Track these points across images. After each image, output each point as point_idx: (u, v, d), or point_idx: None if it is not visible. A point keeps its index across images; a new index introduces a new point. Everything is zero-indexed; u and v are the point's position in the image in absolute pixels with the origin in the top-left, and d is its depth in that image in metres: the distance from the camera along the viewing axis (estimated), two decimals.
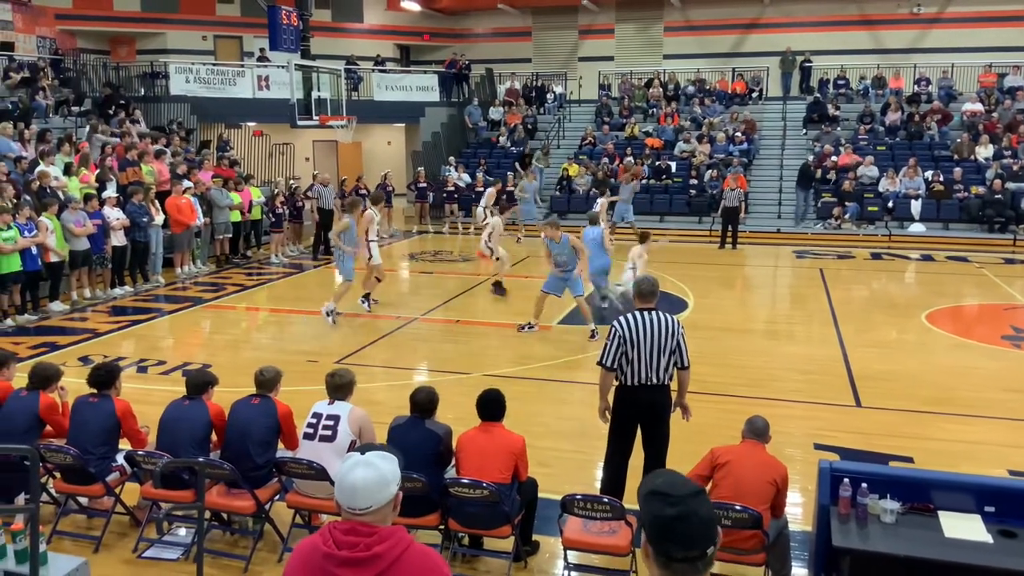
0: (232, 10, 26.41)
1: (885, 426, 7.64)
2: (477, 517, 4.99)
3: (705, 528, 1.91)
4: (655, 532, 1.92)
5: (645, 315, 5.48)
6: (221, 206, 15.61)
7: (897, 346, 10.63)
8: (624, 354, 5.44)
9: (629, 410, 5.62)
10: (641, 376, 5.47)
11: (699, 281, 14.33)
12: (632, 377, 5.49)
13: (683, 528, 1.89)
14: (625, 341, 5.42)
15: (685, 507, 1.90)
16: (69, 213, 12.34)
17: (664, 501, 1.91)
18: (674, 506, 1.90)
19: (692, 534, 1.90)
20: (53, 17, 23.71)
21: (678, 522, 1.89)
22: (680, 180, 21.13)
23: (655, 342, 5.42)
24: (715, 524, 1.94)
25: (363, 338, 10.81)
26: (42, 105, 17.62)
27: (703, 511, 1.92)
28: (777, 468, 4.76)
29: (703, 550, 1.90)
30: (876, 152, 21.01)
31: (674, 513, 1.89)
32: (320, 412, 5.33)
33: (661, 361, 5.45)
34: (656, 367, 5.46)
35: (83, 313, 12.28)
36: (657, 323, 5.44)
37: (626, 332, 5.43)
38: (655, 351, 5.43)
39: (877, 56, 24.88)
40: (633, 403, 5.58)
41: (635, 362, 5.44)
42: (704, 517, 1.92)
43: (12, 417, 5.64)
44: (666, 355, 5.46)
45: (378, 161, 27.21)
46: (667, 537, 1.90)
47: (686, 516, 1.89)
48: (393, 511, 2.36)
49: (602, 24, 28.03)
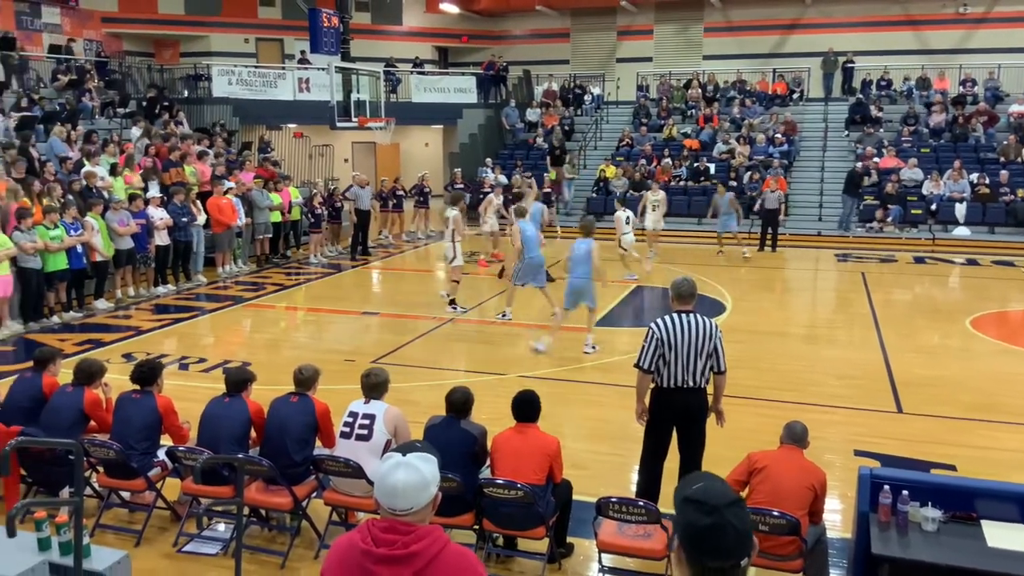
0: (274, 13, 26.75)
1: (927, 433, 7.51)
2: (511, 518, 4.99)
3: (740, 540, 1.86)
4: (689, 540, 1.87)
5: (683, 317, 5.41)
6: (261, 207, 15.81)
7: (940, 351, 10.44)
8: (661, 356, 5.37)
9: (664, 413, 5.57)
10: (677, 379, 5.41)
11: (737, 284, 14.19)
12: (668, 379, 5.43)
13: (717, 539, 1.85)
14: (663, 343, 5.35)
15: (720, 517, 1.85)
16: (113, 213, 12.59)
17: (700, 510, 1.87)
18: (709, 515, 1.85)
19: (726, 545, 1.85)
20: (100, 20, 24.23)
21: (712, 532, 1.84)
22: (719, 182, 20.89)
23: (692, 345, 5.35)
24: (751, 536, 1.89)
25: (399, 338, 10.88)
26: (88, 107, 17.99)
27: (739, 522, 1.87)
28: (816, 473, 4.70)
29: (737, 561, 1.86)
30: (920, 154, 20.65)
31: (709, 523, 1.85)
32: (356, 411, 5.37)
33: (698, 364, 5.38)
34: (692, 370, 5.39)
35: (127, 311, 12.51)
36: (695, 326, 5.37)
37: (664, 334, 5.36)
38: (692, 354, 5.36)
39: (921, 57, 24.47)
40: (669, 406, 5.53)
41: (672, 364, 5.38)
42: (740, 529, 1.86)
43: (58, 412, 5.77)
44: (703, 358, 5.38)
45: (416, 162, 27.38)
46: (700, 546, 1.86)
47: (721, 527, 1.84)
48: (431, 511, 2.39)
49: (641, 25, 27.90)
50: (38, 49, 21.53)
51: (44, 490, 5.91)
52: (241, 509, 4.65)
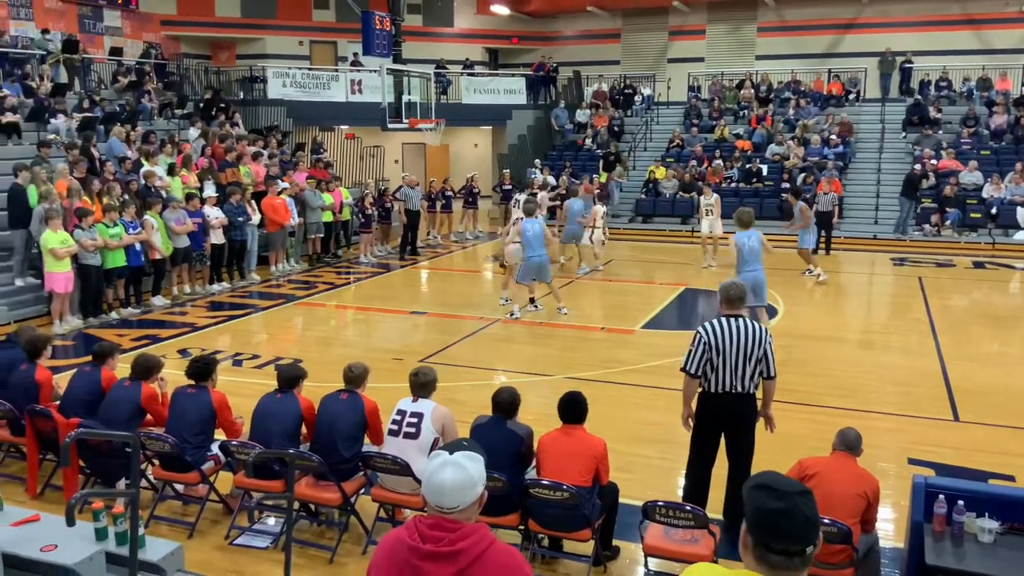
0: (328, 16, 27.11)
1: (984, 442, 7.31)
2: (557, 519, 4.99)
3: (808, 526, 1.92)
4: (757, 522, 1.94)
5: (732, 321, 5.32)
6: (314, 207, 16.04)
7: (999, 359, 10.16)
8: (709, 361, 5.29)
9: (712, 418, 5.48)
10: (725, 384, 5.32)
11: (790, 287, 13.98)
12: (716, 384, 5.34)
13: (786, 522, 1.91)
14: (710, 347, 5.26)
15: (791, 502, 1.92)
16: (171, 212, 12.88)
17: (771, 494, 1.94)
18: (780, 500, 1.92)
19: (795, 529, 1.91)
20: (159, 23, 24.82)
21: (782, 516, 1.91)
22: (772, 184, 20.66)
23: (741, 350, 5.25)
24: (818, 526, 1.95)
25: (447, 338, 10.94)
26: (147, 108, 18.42)
27: (808, 510, 1.93)
28: (868, 481, 4.61)
29: (803, 547, 1.91)
30: (980, 156, 20.11)
31: (780, 506, 1.91)
32: (404, 409, 5.42)
33: (747, 369, 5.28)
34: (741, 375, 5.29)
35: (183, 308, 12.79)
36: (744, 330, 5.28)
37: (712, 338, 5.27)
38: (740, 359, 5.26)
39: (982, 57, 23.83)
40: (716, 411, 5.44)
41: (720, 369, 5.29)
42: (809, 516, 1.93)
43: (115, 405, 5.92)
44: (752, 363, 5.28)
45: (465, 163, 27.51)
46: (769, 528, 1.92)
47: (791, 511, 1.91)
48: (477, 509, 2.41)
49: (693, 25, 27.65)
50: (100, 51, 22.13)
51: (101, 481, 6.06)
52: (291, 504, 4.71)
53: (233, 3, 26.05)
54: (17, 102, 15.50)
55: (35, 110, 15.59)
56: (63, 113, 15.86)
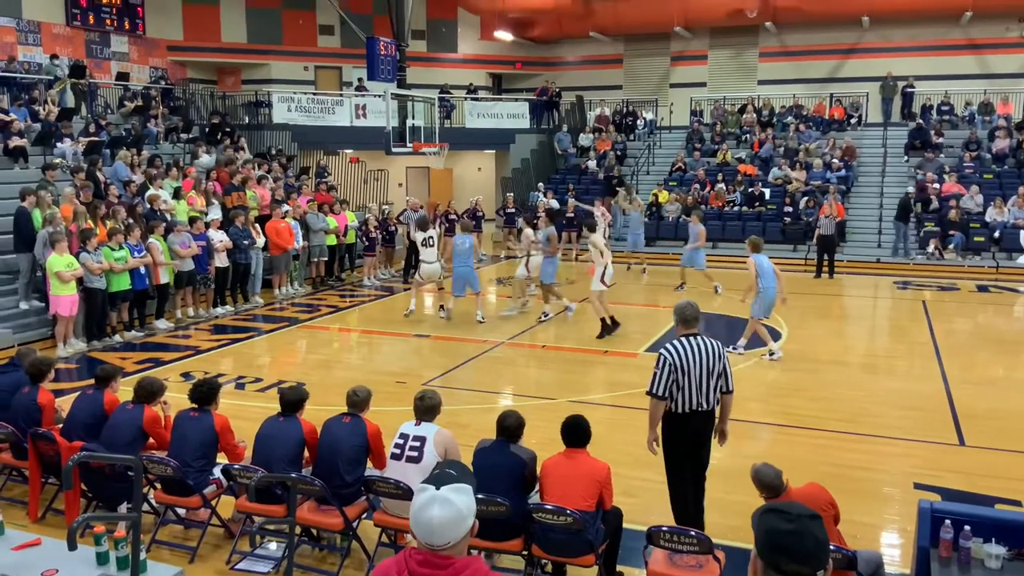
0: (333, 42, 27.34)
1: (991, 467, 7.27)
2: (561, 544, 4.95)
3: (818, 549, 1.96)
4: (768, 545, 1.97)
5: (692, 340, 5.45)
6: (316, 229, 16.08)
7: (1005, 383, 10.11)
8: (675, 382, 5.39)
9: (680, 437, 5.55)
10: (692, 402, 5.43)
11: (794, 311, 13.95)
12: (683, 404, 5.44)
13: (797, 543, 1.95)
14: (676, 368, 5.36)
15: (802, 524, 1.96)
16: (175, 235, 12.92)
17: (781, 517, 1.98)
18: (791, 522, 1.97)
19: (805, 551, 1.95)
20: (165, 49, 25.04)
21: (793, 537, 1.95)
22: (774, 207, 20.71)
23: (704, 367, 5.39)
24: (828, 550, 1.98)
25: (450, 361, 10.93)
26: (153, 132, 18.56)
27: (818, 533, 1.98)
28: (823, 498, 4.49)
29: (813, 570, 1.94)
30: (982, 180, 20.16)
31: (790, 528, 1.96)
32: (407, 433, 5.40)
33: (710, 385, 5.44)
34: (706, 392, 5.44)
35: (186, 331, 12.79)
36: (705, 348, 5.43)
37: (676, 359, 5.37)
38: (704, 376, 5.40)
39: (984, 81, 23.95)
40: (684, 430, 5.52)
41: (685, 389, 5.40)
42: (819, 538, 1.97)
43: (118, 428, 5.91)
44: (714, 379, 5.45)
45: (468, 187, 27.60)
46: (780, 550, 1.95)
47: (801, 533, 1.95)
48: (470, 539, 2.35)
49: (695, 50, 27.84)
50: (106, 76, 22.33)
51: (103, 505, 6.05)
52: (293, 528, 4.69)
53: (239, 29, 26.31)
54: (24, 126, 15.63)
55: (42, 134, 15.71)
56: (69, 137, 15.98)
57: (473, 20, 28.36)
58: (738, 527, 5.72)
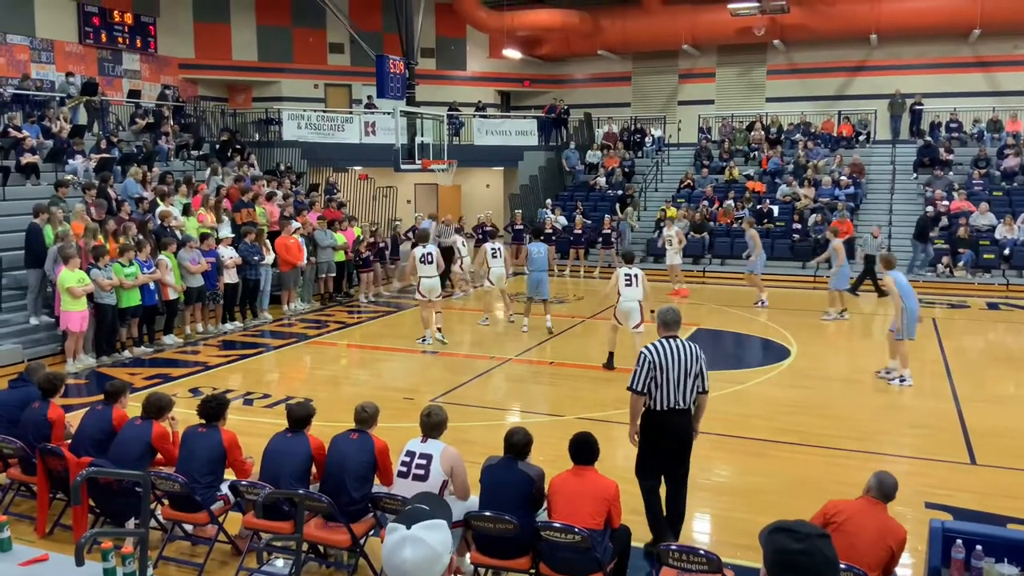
0: (342, 60, 27.54)
1: (1003, 486, 7.21)
2: (569, 562, 4.92)
3: (829, 568, 1.94)
4: (777, 564, 1.95)
5: (671, 342, 5.77)
6: (324, 246, 16.12)
7: (1016, 401, 10.05)
8: (653, 379, 5.70)
9: (658, 433, 5.81)
10: (669, 400, 5.71)
11: (803, 329, 13.92)
12: (661, 401, 5.72)
13: (807, 562, 1.93)
14: (654, 366, 5.69)
15: (811, 544, 1.94)
16: (186, 251, 12.98)
17: (791, 536, 1.96)
18: (800, 542, 1.94)
19: (816, 569, 1.93)
20: (177, 66, 25.25)
21: (803, 556, 1.93)
22: (783, 224, 20.68)
23: (682, 366, 5.68)
24: (838, 569, 1.96)
25: (458, 377, 10.92)
26: (164, 149, 18.67)
27: (829, 552, 1.95)
28: (897, 533, 4.45)
29: None
30: (992, 198, 20.11)
31: (800, 548, 1.93)
32: (413, 451, 5.39)
33: (687, 385, 5.70)
34: (683, 391, 5.70)
35: (195, 347, 12.83)
36: (682, 349, 5.74)
37: (655, 358, 5.70)
38: (681, 375, 5.68)
39: (992, 99, 23.94)
40: (662, 428, 5.78)
41: (663, 386, 5.69)
42: (829, 558, 1.95)
43: (126, 444, 5.92)
44: (691, 379, 5.71)
45: (476, 204, 27.67)
46: (790, 569, 1.93)
47: (811, 552, 1.93)
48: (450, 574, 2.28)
49: (703, 68, 27.91)
50: (118, 94, 22.52)
51: (111, 521, 6.04)
52: (300, 545, 4.67)
53: (250, 47, 26.52)
54: (36, 143, 15.75)
55: (54, 151, 15.82)
56: (81, 154, 16.09)
57: (482, 38, 28.53)
58: (747, 546, 5.68)
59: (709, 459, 8.01)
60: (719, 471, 7.77)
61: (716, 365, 11.99)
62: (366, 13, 25.96)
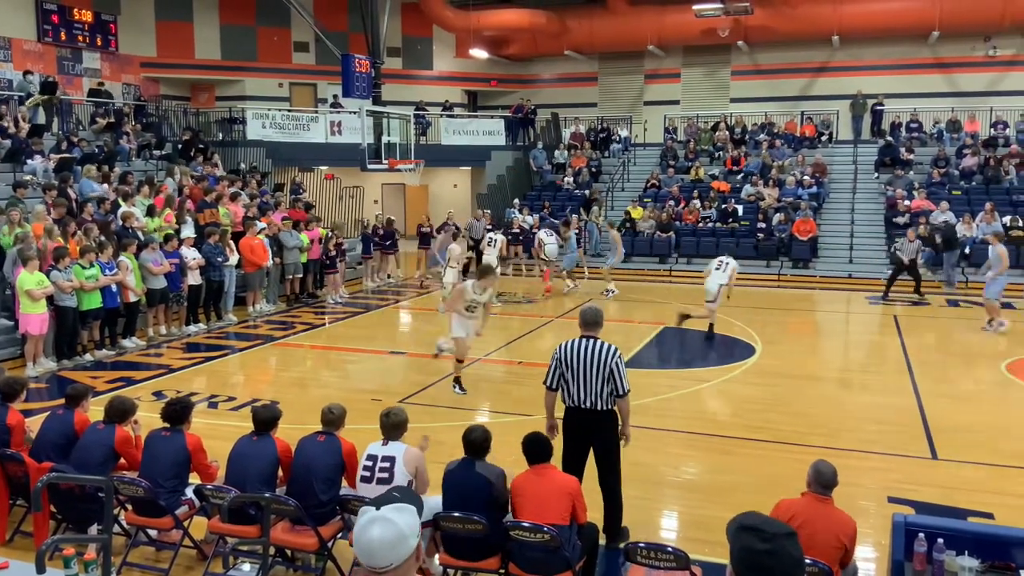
0: (307, 59, 27.34)
1: (963, 480, 7.35)
2: (538, 562, 4.93)
3: (795, 567, 1.94)
4: (744, 564, 1.95)
5: (582, 341, 5.87)
6: (290, 247, 15.98)
7: (976, 397, 10.24)
8: (562, 375, 5.88)
9: (574, 430, 5.97)
10: (581, 398, 5.85)
11: (767, 327, 14.07)
12: (574, 398, 5.89)
13: (773, 563, 1.92)
14: (561, 363, 5.87)
15: (778, 544, 1.93)
16: (148, 253, 12.79)
17: (757, 536, 1.95)
18: (767, 541, 1.93)
19: (782, 570, 1.93)
20: (138, 65, 24.90)
21: (769, 556, 1.93)
22: (747, 223, 20.90)
23: (588, 366, 5.77)
24: (804, 568, 1.97)
25: (426, 378, 10.88)
26: (125, 149, 18.39)
27: (795, 552, 1.96)
28: (847, 527, 4.50)
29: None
30: (951, 197, 20.46)
31: (767, 548, 1.93)
32: (375, 454, 5.34)
33: (596, 385, 5.79)
34: (594, 391, 5.80)
35: (158, 349, 12.65)
36: (590, 349, 5.81)
37: (562, 355, 5.88)
38: (589, 375, 5.78)
39: (951, 99, 24.41)
40: (576, 424, 5.94)
41: (570, 384, 5.86)
42: (795, 557, 1.95)
43: (88, 449, 5.81)
44: (600, 380, 5.78)
45: (444, 203, 27.63)
46: (756, 569, 1.93)
47: (778, 552, 1.93)
48: (416, 562, 2.26)
49: (668, 69, 28.12)
50: (78, 93, 22.13)
51: (73, 527, 5.94)
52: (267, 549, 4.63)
53: (213, 45, 26.22)
54: None
55: (12, 151, 15.51)
56: (40, 154, 15.79)
57: (448, 38, 28.48)
58: (716, 542, 5.72)
59: (678, 456, 8.08)
60: (688, 468, 7.83)
61: (682, 363, 12.10)
62: (331, 12, 25.78)
